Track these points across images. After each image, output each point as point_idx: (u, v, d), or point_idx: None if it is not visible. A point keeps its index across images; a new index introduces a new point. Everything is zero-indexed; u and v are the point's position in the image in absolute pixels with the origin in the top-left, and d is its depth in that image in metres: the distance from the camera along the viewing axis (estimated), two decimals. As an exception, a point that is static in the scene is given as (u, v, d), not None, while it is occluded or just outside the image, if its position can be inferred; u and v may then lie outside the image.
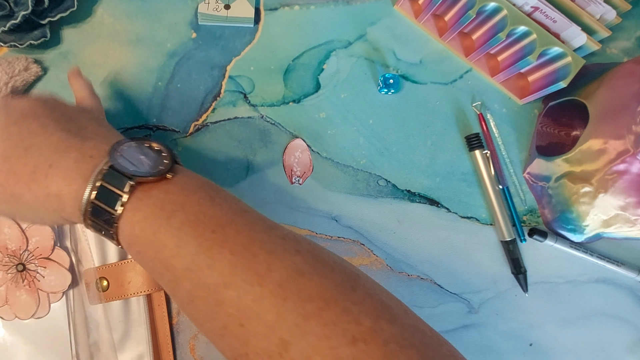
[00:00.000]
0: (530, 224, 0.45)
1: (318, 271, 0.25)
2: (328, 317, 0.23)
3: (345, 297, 0.24)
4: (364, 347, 0.22)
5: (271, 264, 0.24)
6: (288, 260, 0.25)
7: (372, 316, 0.23)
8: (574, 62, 0.41)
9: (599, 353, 0.44)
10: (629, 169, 0.38)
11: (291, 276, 0.24)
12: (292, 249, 0.25)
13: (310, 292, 0.23)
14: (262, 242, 0.25)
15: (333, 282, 0.24)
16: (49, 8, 0.41)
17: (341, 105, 0.45)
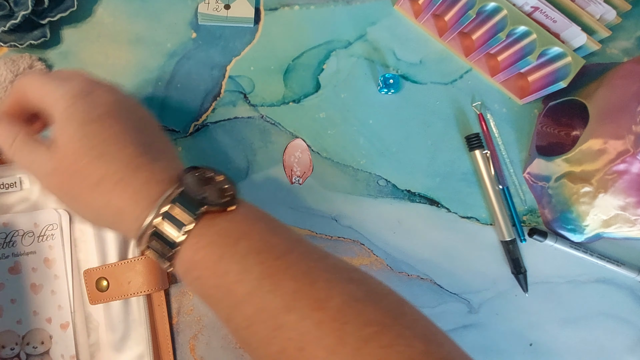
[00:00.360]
0: (530, 224, 0.45)
1: (371, 298, 0.26)
2: (386, 341, 0.24)
3: (398, 322, 0.25)
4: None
5: (330, 290, 0.25)
6: (345, 288, 0.26)
7: (424, 340, 0.25)
8: (574, 62, 0.41)
9: (599, 353, 0.44)
10: (629, 169, 0.38)
11: (349, 302, 0.25)
12: (345, 277, 0.27)
13: (367, 317, 0.25)
14: (320, 270, 0.27)
15: (386, 308, 0.26)
16: (49, 8, 0.41)
17: (341, 105, 0.45)
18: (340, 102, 0.45)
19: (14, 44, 0.40)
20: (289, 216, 0.43)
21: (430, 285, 0.44)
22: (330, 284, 0.26)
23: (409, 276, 0.44)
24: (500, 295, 0.44)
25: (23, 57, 0.40)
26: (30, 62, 0.41)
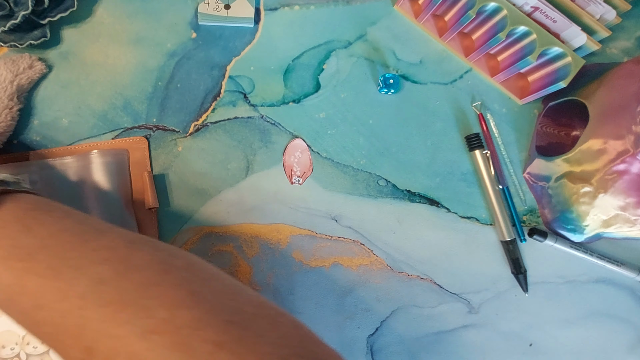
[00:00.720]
0: (530, 224, 0.45)
1: (121, 275, 0.26)
2: (124, 318, 0.24)
3: (144, 294, 0.25)
4: (156, 338, 0.23)
5: (74, 279, 0.26)
6: (92, 272, 0.26)
7: (170, 307, 0.25)
8: (574, 62, 0.41)
9: (599, 353, 0.44)
10: (629, 169, 0.38)
11: (93, 286, 0.25)
12: (100, 258, 0.27)
13: (109, 297, 0.25)
14: (70, 259, 0.27)
15: (135, 283, 0.26)
16: (49, 8, 0.41)
17: (341, 105, 0.45)
18: (340, 102, 0.45)
19: (14, 44, 0.40)
20: (288, 216, 0.43)
21: (430, 285, 0.44)
22: (77, 272, 0.26)
23: (409, 276, 0.44)
24: (500, 295, 0.44)
25: (23, 57, 0.40)
26: (30, 62, 0.41)
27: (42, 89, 0.42)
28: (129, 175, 0.41)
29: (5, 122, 0.39)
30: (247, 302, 0.27)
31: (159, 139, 0.43)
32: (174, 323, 0.24)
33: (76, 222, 0.30)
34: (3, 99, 0.38)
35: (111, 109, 0.43)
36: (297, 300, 0.42)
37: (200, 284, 0.27)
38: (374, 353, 0.42)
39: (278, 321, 0.27)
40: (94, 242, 0.28)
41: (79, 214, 0.31)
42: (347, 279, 0.43)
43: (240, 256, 0.42)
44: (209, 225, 0.42)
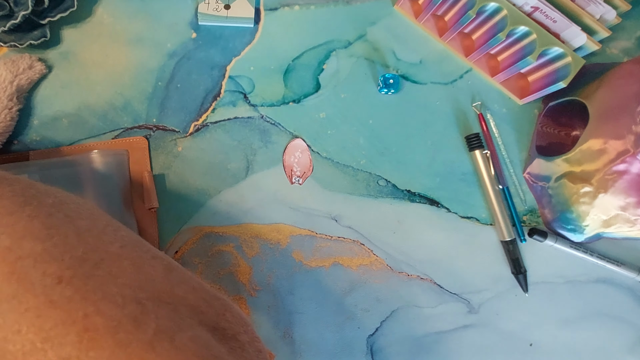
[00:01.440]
0: (530, 224, 0.45)
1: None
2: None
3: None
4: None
5: None
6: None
7: (16, 235, 0.23)
8: (574, 62, 0.41)
9: (599, 353, 0.44)
10: (629, 169, 0.38)
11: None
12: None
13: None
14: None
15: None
16: (49, 8, 0.41)
17: (341, 105, 0.45)
18: (340, 102, 0.45)
19: (14, 44, 0.40)
20: (288, 216, 0.43)
21: (430, 285, 0.44)
22: None
23: (409, 276, 0.44)
24: (500, 295, 0.44)
25: (23, 57, 0.40)
26: (30, 62, 0.41)
27: (42, 89, 0.42)
28: (128, 175, 0.41)
29: (5, 123, 0.39)
30: (115, 241, 0.26)
31: (159, 139, 0.43)
32: (15, 252, 0.23)
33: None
34: (2, 99, 0.38)
35: (111, 109, 0.43)
36: (297, 300, 0.42)
37: (63, 220, 0.25)
38: (374, 353, 0.42)
39: (146, 264, 0.26)
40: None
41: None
42: (347, 279, 0.43)
43: (240, 256, 0.42)
44: (209, 225, 0.42)
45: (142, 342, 0.22)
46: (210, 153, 0.43)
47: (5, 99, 0.39)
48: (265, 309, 0.42)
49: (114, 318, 0.22)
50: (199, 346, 0.23)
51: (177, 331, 0.23)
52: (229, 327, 0.26)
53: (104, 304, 0.22)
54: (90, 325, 0.21)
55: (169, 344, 0.22)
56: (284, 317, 0.42)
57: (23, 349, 0.21)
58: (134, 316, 0.22)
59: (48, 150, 0.41)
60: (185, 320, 0.24)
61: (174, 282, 0.26)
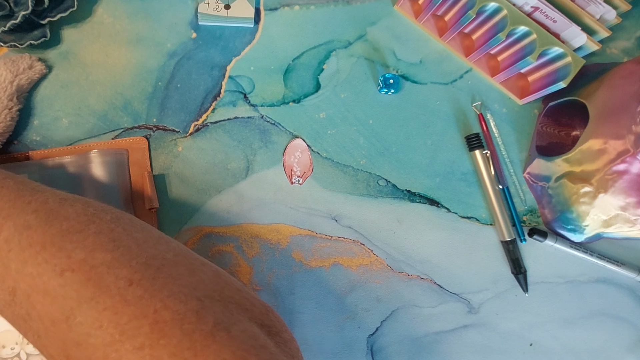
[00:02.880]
0: (530, 224, 0.45)
1: (47, 223, 0.28)
2: (42, 258, 0.26)
3: (65, 238, 0.27)
4: (71, 275, 0.26)
5: (3, 226, 0.28)
6: (20, 219, 0.28)
7: (88, 249, 0.27)
8: (574, 62, 0.41)
9: (599, 353, 0.44)
10: (629, 169, 0.38)
11: (17, 231, 0.28)
12: (30, 209, 0.29)
13: (31, 240, 0.27)
14: (2, 210, 0.29)
15: (58, 229, 0.28)
16: (49, 8, 0.41)
17: (341, 105, 0.45)
18: (340, 102, 0.45)
19: (14, 44, 0.40)
20: (288, 216, 0.43)
21: (430, 285, 0.44)
22: (5, 219, 0.28)
23: (409, 276, 0.44)
24: (500, 295, 0.44)
25: (23, 57, 0.40)
26: (30, 62, 0.41)
27: (42, 89, 0.42)
28: (128, 175, 0.41)
29: (5, 123, 0.39)
30: (169, 251, 0.29)
31: (159, 139, 0.43)
32: (89, 263, 0.26)
33: (15, 182, 0.31)
34: (2, 99, 0.38)
35: (111, 109, 0.43)
36: (297, 300, 0.42)
37: (123, 233, 0.29)
38: (374, 353, 0.42)
39: (198, 269, 0.29)
40: (28, 197, 0.30)
41: (21, 177, 0.32)
42: (347, 279, 0.43)
43: (240, 256, 0.42)
44: (209, 225, 0.42)
45: (204, 332, 0.24)
46: (210, 153, 0.43)
47: (6, 99, 0.39)
48: (265, 309, 0.42)
49: (179, 312, 0.25)
50: (250, 337, 0.26)
51: (232, 324, 0.26)
52: (272, 325, 0.29)
53: (170, 300, 0.25)
54: (160, 319, 0.24)
55: (226, 334, 0.25)
56: (284, 317, 0.42)
57: (104, 341, 0.24)
58: (195, 310, 0.25)
59: (48, 150, 0.41)
60: (235, 315, 0.27)
61: (222, 284, 0.29)
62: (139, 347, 0.24)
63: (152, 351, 0.23)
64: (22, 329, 0.28)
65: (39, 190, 0.31)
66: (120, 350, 0.24)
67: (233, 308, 0.27)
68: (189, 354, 0.23)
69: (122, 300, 0.25)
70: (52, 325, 0.25)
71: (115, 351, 0.24)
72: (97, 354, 0.24)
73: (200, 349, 0.24)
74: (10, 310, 0.27)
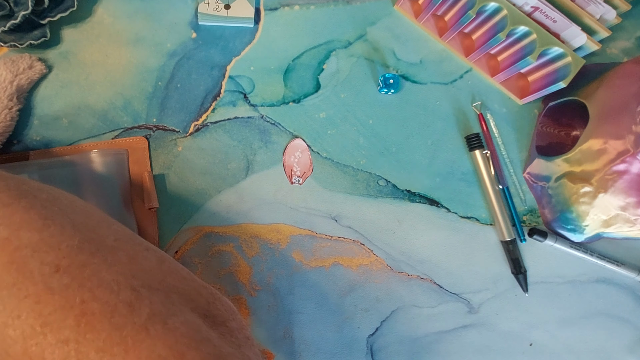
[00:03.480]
0: (530, 224, 0.45)
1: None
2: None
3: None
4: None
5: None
6: None
7: (13, 227, 0.24)
8: (574, 62, 0.41)
9: (599, 353, 0.44)
10: (629, 169, 0.38)
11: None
12: None
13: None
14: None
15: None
16: (49, 8, 0.41)
17: (341, 105, 0.45)
18: (340, 102, 0.45)
19: (14, 44, 0.40)
20: (288, 216, 0.43)
21: (430, 285, 0.44)
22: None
23: (409, 276, 0.44)
24: (500, 295, 0.44)
25: (23, 57, 0.40)
26: (30, 62, 0.41)
27: (42, 89, 0.42)
28: (128, 175, 0.41)
29: (5, 123, 0.39)
30: (109, 235, 0.27)
31: (159, 139, 0.43)
32: (13, 243, 0.24)
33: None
34: (3, 99, 0.38)
35: (111, 109, 0.43)
36: (297, 300, 0.42)
37: (58, 213, 0.27)
38: (374, 353, 0.42)
39: (139, 255, 0.27)
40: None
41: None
42: (347, 279, 0.43)
43: (240, 256, 0.42)
44: (209, 225, 0.42)
45: (136, 325, 0.23)
46: (210, 153, 0.43)
47: (6, 99, 0.39)
48: (265, 308, 0.42)
49: (109, 303, 0.23)
50: (190, 329, 0.24)
51: (169, 315, 0.24)
52: (218, 315, 0.27)
53: (100, 291, 0.23)
54: (87, 310, 0.23)
55: (161, 326, 0.23)
56: (283, 317, 0.42)
57: (23, 333, 0.22)
58: (128, 301, 0.23)
59: (48, 150, 0.41)
60: (177, 306, 0.25)
61: (166, 271, 0.27)
62: (63, 341, 0.22)
63: (78, 346, 0.22)
64: None
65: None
66: (42, 343, 0.22)
67: (175, 298, 0.26)
68: (119, 350, 0.22)
69: (46, 289, 0.23)
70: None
71: (36, 344, 0.22)
72: (15, 347, 0.22)
73: (132, 344, 0.22)
74: None
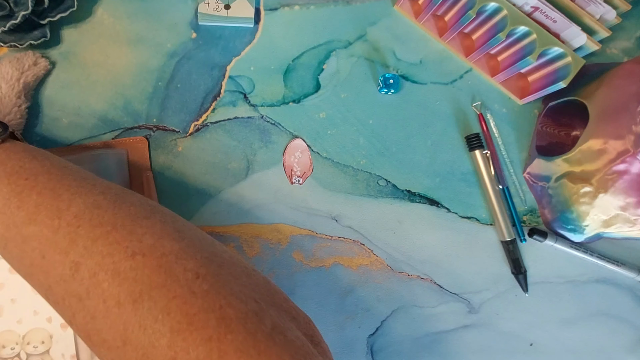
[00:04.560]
0: (530, 224, 0.45)
1: (116, 205, 0.28)
2: (114, 238, 0.26)
3: (135, 222, 0.28)
4: (141, 259, 0.26)
5: (72, 201, 0.28)
6: (89, 198, 0.28)
7: (156, 236, 0.27)
8: (574, 62, 0.41)
9: (599, 353, 0.44)
10: (629, 169, 0.38)
11: (88, 209, 0.28)
12: (97, 190, 0.29)
13: (101, 220, 0.27)
14: (70, 186, 0.29)
15: (127, 212, 0.28)
16: (49, 8, 0.41)
17: (341, 105, 0.45)
18: (340, 102, 0.45)
19: (14, 44, 0.40)
20: (288, 216, 0.43)
21: (430, 285, 0.44)
22: (75, 196, 0.28)
23: (409, 276, 0.44)
24: (500, 295, 0.44)
25: (27, 54, 0.41)
26: (35, 59, 0.41)
27: (42, 89, 0.42)
28: (128, 175, 0.41)
29: (16, 120, 0.39)
30: (225, 251, 0.30)
31: (159, 139, 0.43)
32: (159, 250, 0.26)
33: (76, 168, 0.32)
34: (12, 97, 0.39)
35: (111, 109, 0.43)
36: (297, 300, 0.42)
37: (185, 226, 0.29)
38: (374, 353, 0.42)
39: (251, 272, 0.29)
40: (92, 180, 0.30)
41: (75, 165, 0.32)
42: (347, 279, 0.43)
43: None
44: (209, 225, 0.42)
45: (264, 333, 0.25)
46: (210, 153, 0.43)
47: (14, 97, 0.39)
48: (265, 309, 0.42)
49: (241, 311, 0.25)
50: (303, 344, 0.26)
51: (286, 329, 0.26)
52: (314, 335, 0.29)
53: (233, 299, 0.25)
54: (225, 314, 0.25)
55: (283, 337, 0.25)
56: (284, 317, 0.42)
57: (172, 328, 0.24)
58: (255, 311, 0.26)
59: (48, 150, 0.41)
60: (288, 322, 0.27)
61: (273, 290, 0.29)
62: (207, 339, 0.24)
63: (220, 344, 0.24)
64: (71, 309, 0.27)
65: (98, 178, 0.31)
66: (188, 339, 0.24)
67: (284, 315, 0.28)
68: (254, 352, 0.24)
69: (190, 292, 0.25)
70: (116, 306, 0.25)
71: (183, 339, 0.24)
72: (162, 340, 0.24)
73: (263, 349, 0.24)
74: (64, 286, 0.26)
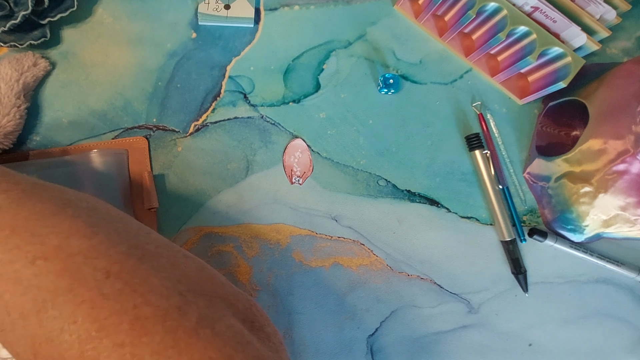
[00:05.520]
0: (530, 224, 0.45)
1: (20, 205, 0.26)
2: (14, 243, 0.24)
3: (39, 223, 0.25)
4: (44, 264, 0.24)
5: None
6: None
7: (63, 235, 0.25)
8: (573, 62, 0.41)
9: (599, 353, 0.44)
10: (629, 169, 0.38)
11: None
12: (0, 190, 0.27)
13: (1, 222, 0.25)
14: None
15: (30, 211, 0.26)
16: (49, 8, 0.41)
17: (341, 105, 0.45)
18: (340, 102, 0.45)
19: (14, 44, 0.40)
20: (288, 216, 0.43)
21: (430, 285, 0.44)
22: None
23: (409, 276, 0.44)
24: (500, 295, 0.44)
25: (27, 55, 0.40)
26: (34, 59, 0.41)
27: (42, 89, 0.42)
28: (128, 175, 0.41)
29: (15, 121, 0.39)
30: (150, 242, 0.28)
31: (159, 139, 0.43)
32: (65, 250, 0.24)
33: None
34: (11, 98, 0.39)
35: (111, 109, 0.43)
36: (296, 300, 0.42)
37: (102, 220, 0.27)
38: (374, 353, 0.42)
39: (180, 261, 0.28)
40: (1, 178, 0.28)
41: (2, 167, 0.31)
42: (347, 279, 0.43)
43: (240, 256, 0.42)
44: (209, 225, 0.42)
45: (187, 329, 0.23)
46: (210, 153, 0.43)
47: (14, 97, 0.39)
48: (265, 309, 0.42)
49: (161, 307, 0.24)
50: (236, 333, 0.25)
51: (215, 320, 0.25)
52: (255, 320, 0.28)
53: (151, 295, 0.24)
54: (141, 314, 0.23)
55: (210, 330, 0.24)
56: (283, 318, 0.42)
57: (79, 337, 0.23)
58: (178, 306, 0.24)
59: (48, 150, 0.41)
60: (220, 310, 0.26)
61: (206, 277, 0.28)
62: (119, 345, 0.22)
63: (133, 349, 0.22)
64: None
65: (11, 174, 0.29)
66: (98, 347, 0.22)
67: (217, 302, 0.26)
68: (173, 353, 0.22)
69: (100, 294, 0.23)
70: (21, 318, 0.23)
71: (92, 348, 0.22)
72: (71, 352, 0.23)
73: (184, 347, 0.23)
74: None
